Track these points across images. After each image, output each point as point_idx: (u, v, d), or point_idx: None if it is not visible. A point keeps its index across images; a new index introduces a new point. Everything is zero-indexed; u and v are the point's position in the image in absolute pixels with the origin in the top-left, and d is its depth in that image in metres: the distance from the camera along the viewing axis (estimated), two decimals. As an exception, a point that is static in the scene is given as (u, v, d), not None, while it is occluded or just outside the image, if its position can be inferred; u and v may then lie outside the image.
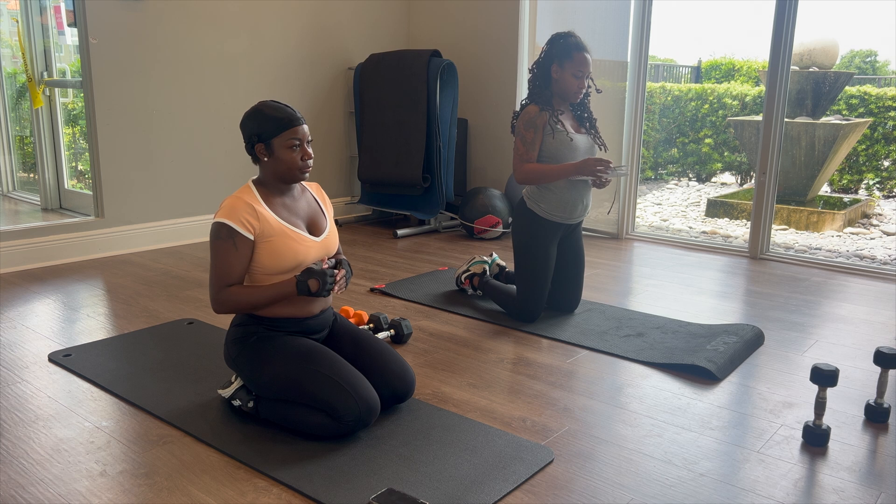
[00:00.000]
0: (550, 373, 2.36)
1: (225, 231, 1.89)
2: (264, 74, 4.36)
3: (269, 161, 1.95)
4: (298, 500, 1.62)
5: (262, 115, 1.93)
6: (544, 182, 2.73)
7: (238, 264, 1.91)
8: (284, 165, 1.94)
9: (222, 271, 1.90)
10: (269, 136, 1.93)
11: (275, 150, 1.94)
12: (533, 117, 2.72)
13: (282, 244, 1.93)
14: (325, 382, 1.85)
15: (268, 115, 1.93)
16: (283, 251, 1.93)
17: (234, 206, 1.91)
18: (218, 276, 1.91)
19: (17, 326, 2.71)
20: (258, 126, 1.93)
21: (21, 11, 4.58)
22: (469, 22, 4.84)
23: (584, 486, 1.69)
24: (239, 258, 1.90)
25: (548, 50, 2.75)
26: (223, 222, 1.90)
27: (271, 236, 1.92)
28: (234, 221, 1.89)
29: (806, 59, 6.25)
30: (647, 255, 4.05)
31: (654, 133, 8.29)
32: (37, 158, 4.74)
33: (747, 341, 2.61)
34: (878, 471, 1.80)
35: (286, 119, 1.93)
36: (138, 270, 3.52)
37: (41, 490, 1.65)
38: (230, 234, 1.89)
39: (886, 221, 6.02)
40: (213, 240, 1.91)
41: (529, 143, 2.72)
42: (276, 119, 1.92)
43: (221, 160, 4.23)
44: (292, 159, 1.94)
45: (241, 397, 1.99)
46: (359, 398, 1.84)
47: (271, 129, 1.92)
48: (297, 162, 1.95)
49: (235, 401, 1.99)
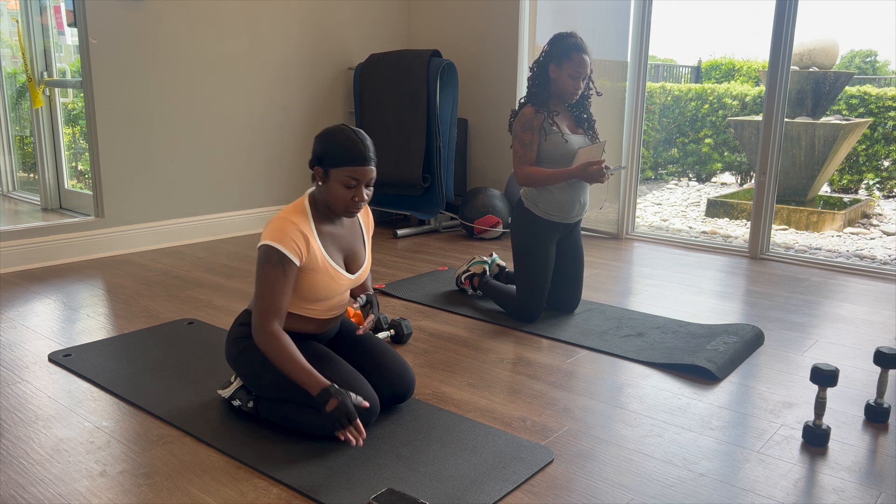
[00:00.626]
0: (550, 373, 2.36)
1: (276, 256, 1.79)
2: (264, 74, 4.36)
3: (321, 186, 1.88)
4: (298, 500, 1.62)
5: (334, 140, 1.83)
6: (543, 185, 2.74)
7: (286, 292, 1.82)
8: (333, 198, 1.86)
9: (270, 300, 1.80)
10: (330, 164, 1.84)
11: (330, 179, 1.85)
12: (529, 119, 2.72)
13: (320, 281, 1.88)
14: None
15: (340, 141, 1.83)
16: (319, 287, 1.88)
17: (286, 229, 1.81)
18: (266, 305, 1.80)
19: (17, 326, 2.71)
20: (325, 148, 1.84)
21: (21, 11, 4.58)
22: (469, 22, 4.84)
23: (584, 486, 1.69)
24: (287, 285, 1.81)
25: (547, 50, 2.75)
26: (274, 247, 1.79)
27: (313, 270, 1.86)
28: (286, 247, 1.79)
29: (806, 59, 6.25)
30: (647, 255, 4.05)
31: (654, 133, 8.29)
32: (37, 158, 4.74)
33: (747, 341, 2.61)
34: (878, 471, 1.80)
35: (355, 154, 1.82)
36: (138, 270, 3.52)
37: (41, 490, 1.65)
38: (280, 261, 1.79)
39: (886, 221, 6.02)
40: (263, 264, 1.80)
41: (527, 144, 2.72)
42: (345, 150, 1.82)
43: (222, 160, 4.23)
44: (343, 196, 1.85)
45: (240, 397, 1.98)
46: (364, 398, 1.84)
47: (336, 158, 1.83)
48: (346, 200, 1.85)
49: (235, 401, 1.99)
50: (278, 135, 4.51)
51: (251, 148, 4.38)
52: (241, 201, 4.39)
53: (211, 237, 4.25)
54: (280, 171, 4.56)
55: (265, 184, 4.49)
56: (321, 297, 1.91)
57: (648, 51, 4.24)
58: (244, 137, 4.33)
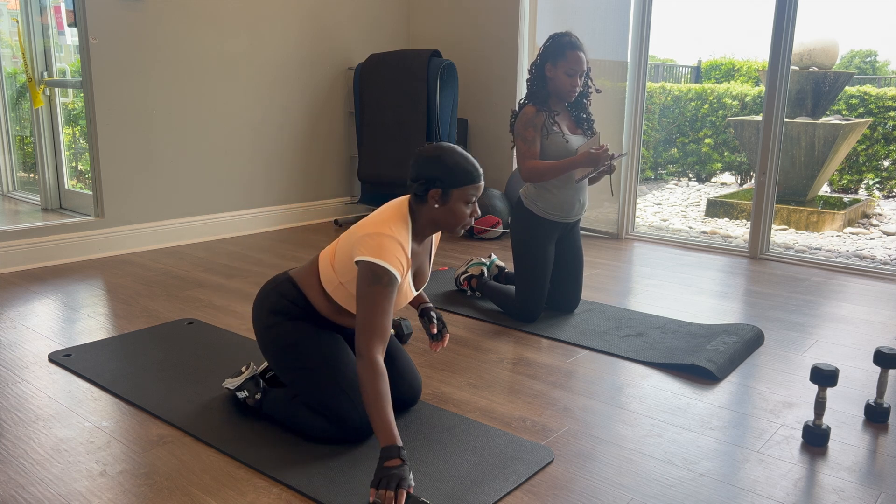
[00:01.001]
0: (550, 373, 2.36)
1: (387, 278, 1.74)
2: (264, 74, 4.36)
3: (438, 209, 1.84)
4: (298, 500, 1.62)
5: (451, 161, 1.81)
6: (549, 178, 2.72)
7: (391, 313, 1.77)
8: (453, 218, 1.85)
9: (379, 323, 1.72)
10: (451, 185, 1.81)
11: (451, 200, 1.83)
12: (531, 117, 2.72)
13: (399, 301, 1.87)
14: (336, 389, 1.84)
15: (458, 162, 1.82)
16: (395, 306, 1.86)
17: (395, 251, 1.76)
18: (373, 329, 1.72)
19: (17, 326, 2.71)
20: (444, 171, 1.81)
21: (21, 11, 4.58)
22: (469, 22, 4.84)
23: (584, 486, 1.69)
24: (392, 305, 1.77)
25: (543, 50, 2.76)
26: (387, 268, 1.74)
27: (399, 291, 1.85)
28: (396, 269, 1.75)
29: (806, 59, 6.25)
30: (647, 255, 4.05)
31: (654, 133, 8.28)
32: (37, 158, 4.74)
33: (747, 341, 2.61)
34: (878, 471, 1.80)
35: (475, 173, 1.84)
36: (138, 270, 3.52)
37: (41, 490, 1.65)
38: (391, 282, 1.74)
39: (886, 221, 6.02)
40: (372, 283, 1.73)
41: (530, 140, 2.72)
42: (465, 170, 1.82)
43: (221, 160, 4.23)
44: (463, 214, 1.85)
45: (248, 388, 1.98)
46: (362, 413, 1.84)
47: (458, 179, 1.81)
48: (465, 218, 1.86)
49: (242, 392, 1.99)
50: (278, 135, 4.51)
51: (251, 148, 4.38)
52: (241, 201, 4.39)
53: (211, 237, 4.25)
54: (280, 171, 4.56)
55: (265, 184, 4.49)
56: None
57: (648, 51, 4.24)
58: (244, 137, 4.33)
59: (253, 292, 3.19)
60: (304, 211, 4.75)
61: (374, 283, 1.73)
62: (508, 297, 2.92)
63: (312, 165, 4.75)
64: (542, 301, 2.85)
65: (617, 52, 4.31)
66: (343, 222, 4.76)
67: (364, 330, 1.72)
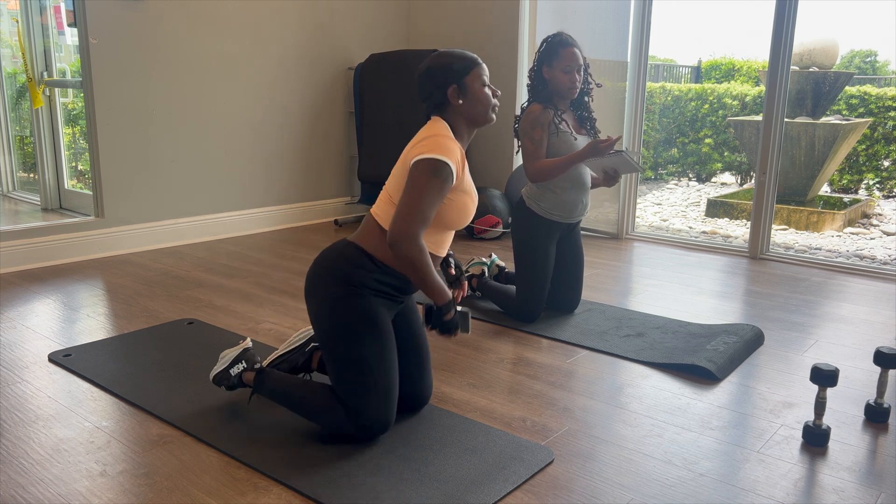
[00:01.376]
0: (550, 373, 2.36)
1: (445, 171, 1.77)
2: (264, 74, 4.36)
3: (463, 104, 1.89)
4: (298, 500, 1.62)
5: (448, 57, 1.89)
6: (556, 175, 2.71)
7: (437, 206, 1.80)
8: (481, 104, 1.90)
9: (427, 212, 1.77)
10: (461, 75, 1.88)
11: (469, 89, 1.89)
12: (538, 115, 2.71)
13: (466, 203, 1.88)
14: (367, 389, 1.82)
15: (454, 54, 1.90)
16: (467, 210, 1.89)
17: (450, 147, 1.80)
18: (420, 216, 1.76)
19: (17, 326, 2.71)
20: (447, 69, 1.88)
21: (21, 11, 4.58)
22: (469, 22, 4.84)
23: (584, 486, 1.69)
24: (440, 202, 1.80)
25: (538, 55, 2.77)
26: (446, 161, 1.78)
27: (464, 191, 1.87)
28: (454, 162, 1.79)
29: (806, 59, 6.25)
30: (647, 255, 4.05)
31: (654, 133, 8.29)
32: (37, 158, 4.74)
33: (747, 341, 2.61)
34: (878, 471, 1.80)
35: (472, 58, 1.91)
36: (138, 270, 3.52)
37: (41, 490, 1.65)
38: (447, 177, 1.78)
39: (886, 221, 6.02)
40: (431, 176, 1.76)
41: (538, 141, 2.71)
42: (464, 58, 1.90)
43: (222, 160, 4.23)
44: (487, 97, 1.90)
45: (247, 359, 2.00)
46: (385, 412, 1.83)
47: (464, 67, 1.88)
48: (490, 98, 1.91)
49: (238, 366, 1.99)
50: (278, 135, 4.51)
51: (251, 148, 4.38)
52: (241, 201, 4.39)
53: (211, 237, 4.25)
54: (280, 171, 4.56)
55: (265, 184, 4.49)
56: (463, 223, 1.92)
57: (648, 51, 4.24)
58: (244, 137, 4.33)
59: (253, 292, 3.19)
60: (304, 211, 4.75)
61: (431, 175, 1.76)
62: (509, 296, 2.92)
63: (312, 165, 4.76)
64: (543, 301, 2.85)
65: (617, 52, 4.31)
66: (343, 222, 4.76)
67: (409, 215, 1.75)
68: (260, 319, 2.84)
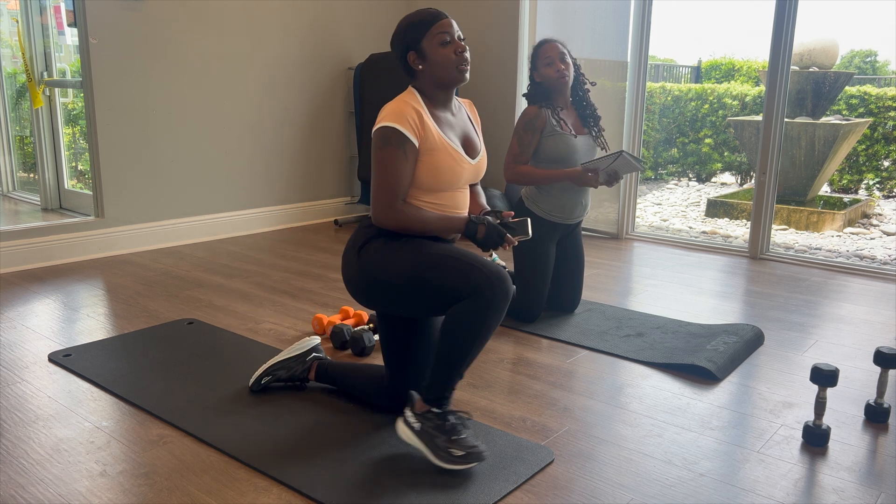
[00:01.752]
0: (550, 373, 2.36)
1: (395, 137, 1.74)
2: (264, 74, 4.36)
3: (424, 68, 1.83)
4: (298, 500, 1.62)
5: (404, 24, 1.84)
6: (533, 185, 2.77)
7: (407, 174, 1.76)
8: (440, 67, 1.81)
9: (392, 182, 1.75)
10: (417, 40, 1.82)
11: (426, 52, 1.81)
12: (532, 119, 2.72)
13: (442, 161, 1.81)
14: (465, 264, 1.70)
15: (409, 20, 1.83)
16: (443, 169, 1.81)
17: (401, 110, 1.76)
18: (388, 188, 1.75)
19: (17, 326, 2.71)
20: (404, 35, 1.83)
21: (21, 11, 4.58)
22: (469, 22, 4.84)
23: (584, 486, 1.69)
24: (408, 167, 1.76)
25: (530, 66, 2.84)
26: (392, 126, 1.74)
27: (433, 150, 1.80)
28: (404, 126, 1.74)
29: (806, 59, 6.25)
30: (647, 255, 4.05)
31: (654, 133, 8.28)
32: (37, 158, 4.74)
33: (747, 341, 2.61)
34: (878, 471, 1.80)
35: (427, 16, 1.82)
36: (138, 270, 3.52)
37: (41, 490, 1.65)
38: (401, 141, 1.74)
39: (886, 221, 6.02)
40: (382, 147, 1.75)
41: (526, 145, 2.73)
42: (417, 20, 1.82)
43: (221, 160, 4.23)
44: (446, 56, 1.80)
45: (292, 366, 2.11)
46: (487, 271, 1.69)
47: (417, 32, 1.82)
48: (451, 57, 1.81)
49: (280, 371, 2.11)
50: (278, 135, 4.51)
51: (251, 148, 4.38)
52: (241, 201, 4.39)
53: (211, 237, 4.25)
54: (280, 171, 4.56)
55: (265, 184, 4.49)
56: (445, 183, 1.83)
57: (648, 51, 4.24)
58: (244, 137, 4.33)
59: (253, 292, 3.19)
60: (304, 211, 4.75)
61: (384, 146, 1.73)
62: (508, 297, 2.91)
63: (312, 165, 4.76)
64: (543, 301, 2.85)
65: (617, 52, 4.31)
66: (343, 222, 4.76)
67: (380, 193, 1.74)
68: (260, 319, 2.84)
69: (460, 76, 1.83)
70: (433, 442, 1.73)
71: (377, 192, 1.77)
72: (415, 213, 1.78)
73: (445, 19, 1.83)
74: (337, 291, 3.23)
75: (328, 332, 2.63)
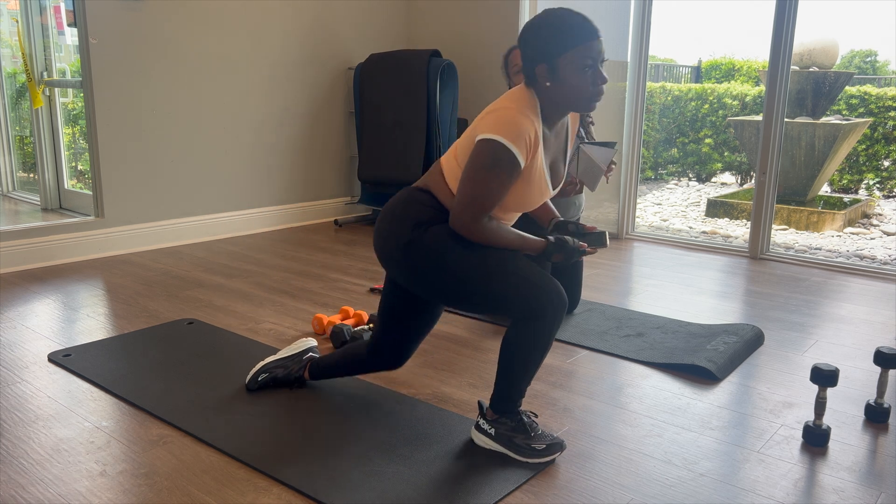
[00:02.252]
0: (550, 373, 2.36)
1: (508, 161, 1.57)
2: (264, 74, 4.36)
3: (551, 87, 1.61)
4: (298, 500, 1.62)
5: (545, 30, 1.58)
6: None
7: (504, 195, 1.61)
8: (572, 92, 1.60)
9: (487, 201, 1.60)
10: (554, 55, 1.58)
11: (561, 72, 1.59)
12: None
13: (531, 192, 1.67)
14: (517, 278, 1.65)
15: (554, 27, 1.57)
16: (528, 199, 1.68)
17: (522, 127, 1.57)
18: (480, 204, 1.60)
19: (17, 326, 2.71)
20: (543, 44, 1.58)
21: (21, 11, 4.58)
22: (469, 22, 4.84)
23: (584, 486, 1.69)
24: (507, 191, 1.61)
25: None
26: (509, 148, 1.56)
27: (528, 180, 1.65)
28: (520, 149, 1.57)
29: (806, 59, 6.25)
30: (647, 255, 4.05)
31: (654, 133, 8.28)
32: (37, 158, 4.74)
33: (747, 341, 2.61)
34: (878, 471, 1.80)
35: (579, 32, 1.56)
36: (138, 270, 3.52)
37: (41, 490, 1.65)
38: (511, 167, 1.57)
39: (886, 221, 6.02)
40: (490, 165, 1.57)
41: None
42: (565, 32, 1.56)
43: (221, 160, 4.23)
44: (582, 83, 1.59)
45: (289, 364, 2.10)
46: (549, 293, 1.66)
47: (559, 46, 1.57)
48: (587, 89, 1.60)
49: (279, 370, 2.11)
50: (278, 135, 4.51)
51: (251, 148, 4.38)
52: (241, 201, 4.39)
53: (211, 237, 4.25)
54: (280, 171, 4.56)
55: (265, 184, 4.49)
56: (521, 208, 1.73)
57: (648, 51, 4.24)
58: (244, 137, 4.33)
59: (253, 292, 3.19)
60: (304, 211, 4.75)
61: (493, 163, 1.57)
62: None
63: (312, 165, 4.75)
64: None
65: (617, 52, 4.31)
66: (343, 222, 4.76)
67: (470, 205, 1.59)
68: (260, 319, 2.84)
69: (588, 108, 1.64)
70: (512, 442, 1.77)
71: (468, 200, 1.61)
72: (496, 230, 1.65)
73: (597, 40, 1.59)
74: (337, 291, 3.23)
75: (328, 332, 2.63)
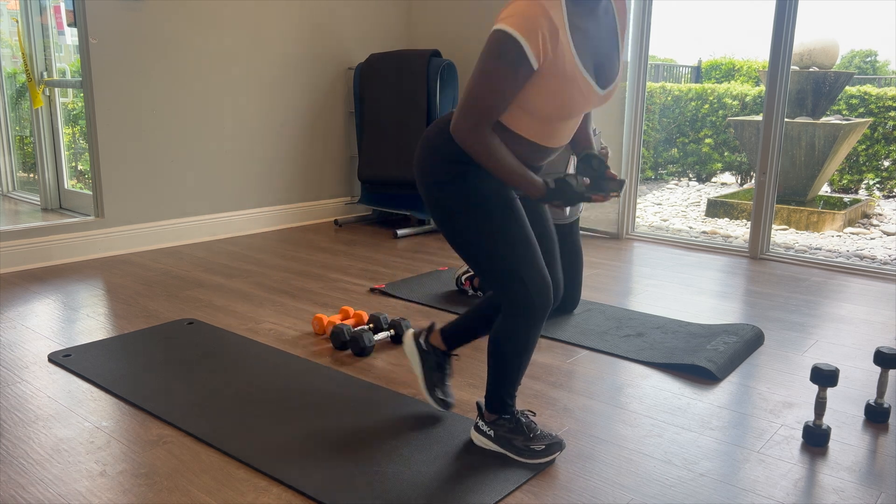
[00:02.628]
0: (550, 373, 2.36)
1: (514, 52, 1.43)
2: (264, 74, 4.36)
3: None
4: (298, 500, 1.62)
5: None
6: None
7: (510, 95, 1.48)
8: None
9: (490, 102, 1.48)
10: None
11: None
12: None
13: (567, 92, 1.51)
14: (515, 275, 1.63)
15: None
16: (570, 100, 1.53)
17: (534, 17, 1.42)
18: (481, 107, 1.49)
19: (17, 326, 2.71)
20: None
21: (21, 11, 4.58)
22: (469, 22, 4.84)
23: (584, 486, 1.69)
24: (514, 90, 1.48)
25: None
26: (515, 38, 1.43)
27: (560, 77, 1.49)
28: (529, 40, 1.42)
29: (806, 59, 6.25)
30: (647, 255, 4.05)
31: (654, 133, 8.28)
32: (37, 158, 4.74)
33: (747, 341, 2.61)
34: (878, 471, 1.80)
35: None
36: (138, 270, 3.52)
37: (41, 490, 1.65)
38: (518, 60, 1.44)
39: (886, 221, 6.02)
40: (494, 57, 1.45)
41: None
42: None
43: (221, 160, 4.23)
44: None
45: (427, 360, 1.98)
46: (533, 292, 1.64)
47: None
48: None
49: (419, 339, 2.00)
50: (278, 134, 4.51)
51: (251, 148, 4.38)
52: (241, 201, 4.39)
53: (211, 237, 4.25)
54: (280, 171, 4.56)
55: (265, 184, 4.49)
56: (561, 114, 1.56)
57: (648, 51, 4.24)
58: (244, 137, 4.33)
59: (253, 292, 3.19)
60: (304, 211, 4.75)
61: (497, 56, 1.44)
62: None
63: (312, 165, 4.76)
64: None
65: (617, 52, 4.30)
66: (343, 222, 4.76)
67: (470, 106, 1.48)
68: (260, 319, 2.84)
69: None
70: (511, 444, 1.78)
71: (469, 104, 1.50)
72: (496, 150, 1.52)
73: None
74: (337, 291, 3.23)
75: (328, 332, 2.63)
